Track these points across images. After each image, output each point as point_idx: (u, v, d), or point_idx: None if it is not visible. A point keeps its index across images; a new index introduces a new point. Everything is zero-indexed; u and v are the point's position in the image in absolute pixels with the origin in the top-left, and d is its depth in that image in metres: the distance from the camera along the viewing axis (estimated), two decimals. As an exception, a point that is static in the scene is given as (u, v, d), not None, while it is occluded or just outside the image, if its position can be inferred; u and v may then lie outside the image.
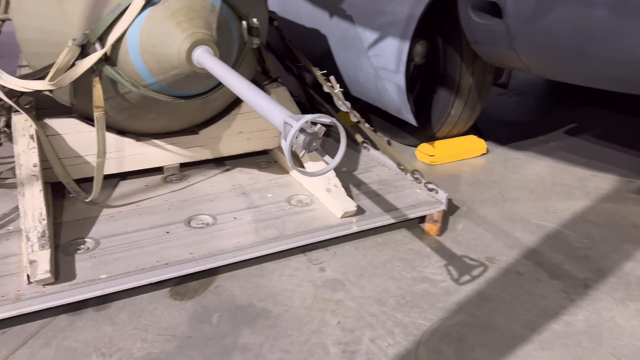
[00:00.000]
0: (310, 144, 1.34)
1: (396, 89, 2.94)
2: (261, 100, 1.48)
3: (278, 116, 1.38)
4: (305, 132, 1.34)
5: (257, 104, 1.50)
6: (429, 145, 3.36)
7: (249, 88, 1.54)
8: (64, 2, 2.06)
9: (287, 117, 1.35)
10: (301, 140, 1.34)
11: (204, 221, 2.36)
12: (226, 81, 1.66)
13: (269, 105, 1.44)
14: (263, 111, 1.47)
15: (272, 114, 1.42)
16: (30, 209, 2.09)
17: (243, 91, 1.56)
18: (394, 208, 2.51)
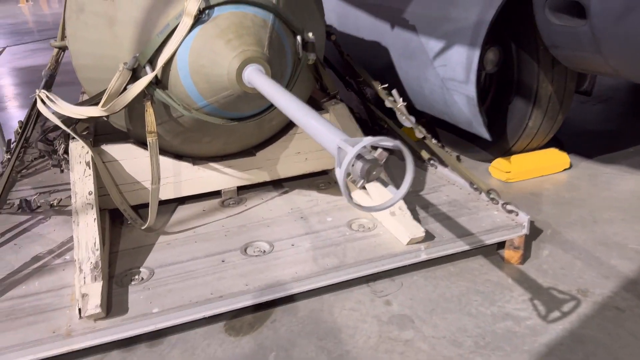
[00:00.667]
0: (370, 173, 1.16)
1: (466, 101, 2.70)
2: (313, 121, 1.32)
3: (331, 140, 1.21)
4: (363, 158, 1.16)
5: (308, 126, 1.34)
6: (505, 160, 3.08)
7: (300, 108, 1.38)
8: (115, 26, 2.01)
9: (342, 142, 1.18)
10: (358, 168, 1.16)
11: (260, 248, 2.22)
12: (275, 101, 1.51)
13: (322, 127, 1.28)
14: (315, 134, 1.31)
15: (325, 137, 1.25)
16: (84, 238, 2.04)
17: (293, 111, 1.40)
18: (467, 233, 2.26)
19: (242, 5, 1.90)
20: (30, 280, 2.08)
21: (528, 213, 2.31)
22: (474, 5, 2.62)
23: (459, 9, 2.71)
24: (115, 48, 2.04)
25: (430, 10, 2.93)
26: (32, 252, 2.28)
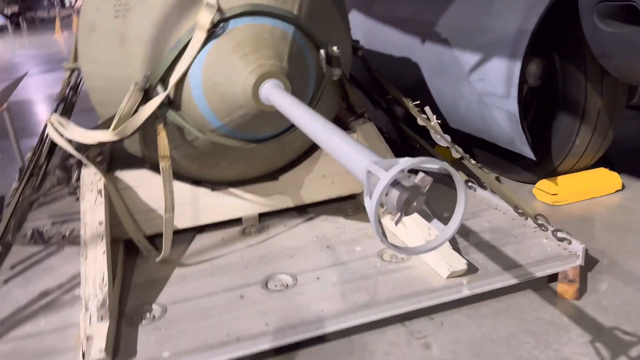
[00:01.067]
0: (409, 204, 0.96)
1: (507, 117, 2.48)
2: (337, 140, 1.13)
3: (359, 163, 1.01)
4: (400, 185, 0.95)
5: (332, 147, 1.14)
6: (550, 181, 2.82)
7: (323, 126, 1.20)
8: (126, 44, 1.88)
9: (372, 164, 0.98)
10: (395, 198, 0.95)
11: (282, 282, 2.02)
12: (295, 119, 1.33)
13: (348, 148, 1.08)
14: (340, 156, 1.11)
15: (352, 160, 1.05)
16: (92, 273, 1.88)
17: (314, 131, 1.22)
18: (514, 264, 2.02)
19: (260, 17, 1.74)
20: (36, 318, 1.92)
21: (580, 240, 2.05)
22: (514, 14, 2.41)
23: (497, 18, 2.51)
24: (126, 68, 1.91)
25: (465, 22, 2.73)
26: (41, 287, 2.13)
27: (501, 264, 2.03)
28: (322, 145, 1.21)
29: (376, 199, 0.92)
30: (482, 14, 2.60)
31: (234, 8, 1.73)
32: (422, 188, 0.96)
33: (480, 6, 2.67)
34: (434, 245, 1.04)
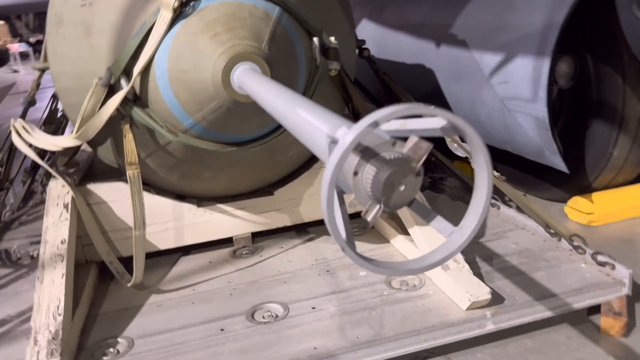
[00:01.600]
0: (393, 188, 0.66)
1: (534, 123, 2.18)
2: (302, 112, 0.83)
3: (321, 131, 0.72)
4: (378, 158, 0.66)
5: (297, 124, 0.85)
6: (585, 199, 2.50)
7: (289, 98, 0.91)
8: (92, 35, 1.65)
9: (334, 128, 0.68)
10: (368, 177, 0.66)
11: (272, 312, 1.73)
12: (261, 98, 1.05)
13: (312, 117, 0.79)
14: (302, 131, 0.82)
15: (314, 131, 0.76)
16: (46, 300, 1.62)
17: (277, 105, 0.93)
18: (547, 294, 1.71)
19: (239, -7, 1.49)
20: (-14, 350, 1.65)
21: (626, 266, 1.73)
22: (540, 6, 2.13)
23: (520, 13, 2.23)
24: (93, 63, 1.67)
25: (484, 21, 2.46)
26: (1, 314, 1.87)
27: (532, 293, 1.73)
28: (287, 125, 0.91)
29: (329, 173, 0.63)
30: (503, 10, 2.33)
31: None
32: (414, 161, 0.66)
33: (500, 2, 2.40)
34: (438, 258, 0.73)
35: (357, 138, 0.61)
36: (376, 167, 0.66)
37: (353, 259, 0.69)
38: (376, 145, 0.67)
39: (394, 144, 0.67)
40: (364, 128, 0.60)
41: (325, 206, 0.66)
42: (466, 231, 0.73)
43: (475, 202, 0.72)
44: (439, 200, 2.59)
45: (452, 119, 0.65)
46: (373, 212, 0.69)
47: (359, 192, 0.69)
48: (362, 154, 0.68)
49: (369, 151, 0.67)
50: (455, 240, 0.74)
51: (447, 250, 0.74)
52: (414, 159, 0.66)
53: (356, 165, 0.68)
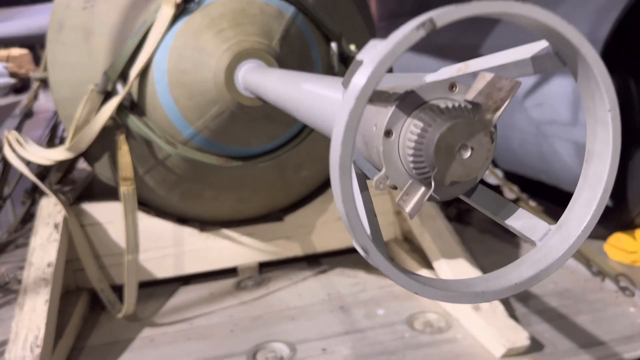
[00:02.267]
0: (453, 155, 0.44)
1: (574, 150, 1.97)
2: (306, 85, 0.63)
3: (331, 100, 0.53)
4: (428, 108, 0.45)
5: (301, 101, 0.65)
6: (627, 236, 2.26)
7: (291, 78, 0.73)
8: (91, 39, 1.51)
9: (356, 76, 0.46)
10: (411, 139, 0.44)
11: (276, 353, 1.53)
12: (263, 86, 0.88)
13: (319, 87, 0.60)
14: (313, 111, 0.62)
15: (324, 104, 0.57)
16: (25, 329, 1.45)
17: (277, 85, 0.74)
18: (593, 341, 1.51)
19: (249, -10, 1.34)
20: (-43, 384, 1.48)
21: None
22: (580, 22, 1.95)
23: (556, 30, 2.05)
24: (91, 69, 1.54)
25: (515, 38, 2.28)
26: (-20, 343, 1.69)
27: (575, 340, 1.52)
28: (291, 108, 0.71)
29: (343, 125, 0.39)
30: (538, 28, 2.16)
31: None
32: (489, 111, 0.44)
33: (534, 20, 2.24)
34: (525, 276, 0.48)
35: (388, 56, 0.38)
36: (424, 121, 0.43)
37: (382, 268, 0.44)
38: (423, 89, 0.45)
39: (452, 86, 0.47)
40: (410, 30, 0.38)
41: (338, 183, 0.41)
42: (573, 230, 0.49)
43: (588, 182, 0.49)
44: (466, 233, 2.37)
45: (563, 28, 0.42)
46: (415, 197, 0.44)
47: (393, 165, 0.45)
48: (400, 101, 0.45)
49: (412, 97, 0.44)
50: (554, 246, 0.49)
51: (540, 262, 0.50)
52: (488, 106, 0.43)
53: (389, 119, 0.45)
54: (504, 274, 0.49)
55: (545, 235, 0.50)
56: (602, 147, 0.47)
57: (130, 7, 1.41)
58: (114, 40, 1.44)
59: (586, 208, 0.50)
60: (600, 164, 0.49)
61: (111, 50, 1.45)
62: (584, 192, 0.49)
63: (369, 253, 0.44)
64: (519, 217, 0.52)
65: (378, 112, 0.45)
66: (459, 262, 1.68)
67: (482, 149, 0.44)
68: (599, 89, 0.45)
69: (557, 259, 0.49)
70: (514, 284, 0.49)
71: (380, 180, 0.45)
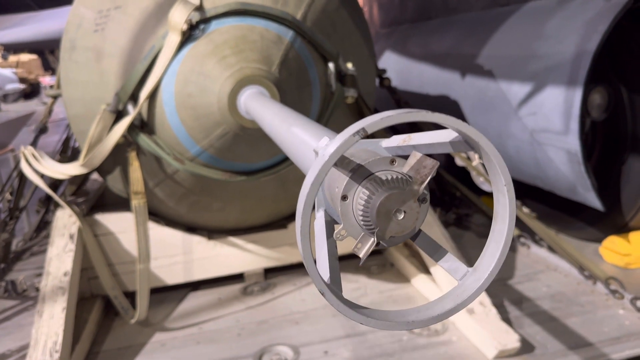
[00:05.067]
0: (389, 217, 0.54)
1: (566, 157, 2.04)
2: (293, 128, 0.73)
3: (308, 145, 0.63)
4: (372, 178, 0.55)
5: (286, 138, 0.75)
6: (621, 239, 2.33)
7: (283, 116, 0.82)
8: (103, 61, 1.61)
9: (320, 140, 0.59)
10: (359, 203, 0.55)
11: (281, 355, 1.62)
12: (262, 119, 0.96)
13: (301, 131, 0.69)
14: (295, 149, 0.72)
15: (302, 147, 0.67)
16: (44, 335, 1.54)
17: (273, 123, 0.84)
18: (582, 342, 1.59)
19: (250, 17, 1.43)
20: (-18, 388, 1.58)
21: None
22: (571, 35, 2.03)
23: (549, 42, 2.13)
24: (102, 88, 1.63)
25: (511, 50, 2.36)
26: (1, 349, 1.79)
27: (565, 342, 1.60)
28: (279, 142, 0.81)
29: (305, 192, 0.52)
30: (532, 38, 2.23)
31: (217, 7, 1.42)
32: (416, 183, 0.55)
33: (529, 30, 2.31)
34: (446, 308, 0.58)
35: (340, 148, 0.50)
36: (369, 190, 0.55)
37: (336, 307, 0.55)
38: (370, 163, 0.56)
39: (392, 161, 0.56)
40: (348, 137, 0.50)
41: (299, 234, 0.54)
42: (482, 274, 0.59)
43: (494, 237, 0.59)
44: (465, 238, 2.45)
45: (464, 128, 0.54)
46: (365, 246, 0.56)
47: (349, 221, 0.57)
48: (353, 173, 0.56)
49: (362, 170, 0.56)
50: (469, 285, 0.60)
51: (459, 297, 0.59)
52: (416, 179, 0.54)
53: (345, 186, 0.56)
54: (431, 306, 0.59)
55: (464, 276, 0.60)
56: (503, 211, 0.57)
57: (138, 31, 1.50)
58: (124, 62, 1.53)
59: (492, 257, 0.60)
60: (502, 224, 0.59)
61: (121, 71, 1.54)
62: (491, 244, 0.60)
63: (324, 294, 0.55)
64: (447, 260, 0.62)
65: (339, 176, 0.55)
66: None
67: (412, 212, 0.55)
68: (496, 169, 0.56)
69: (470, 295, 0.60)
70: (437, 315, 0.59)
71: (339, 232, 0.56)
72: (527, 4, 2.49)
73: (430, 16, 3.45)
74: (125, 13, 1.58)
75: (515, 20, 2.47)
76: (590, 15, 2.02)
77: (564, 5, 2.22)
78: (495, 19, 2.62)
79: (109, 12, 1.63)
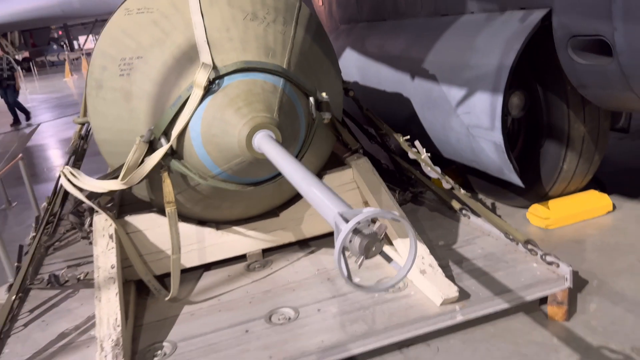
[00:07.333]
0: (369, 249, 1.09)
1: (494, 147, 2.60)
2: (314, 191, 1.27)
3: (330, 211, 1.15)
4: (361, 233, 1.09)
5: (310, 196, 1.28)
6: (542, 206, 2.92)
7: (303, 176, 1.33)
8: (131, 101, 2.05)
9: (338, 215, 1.11)
10: (357, 244, 1.09)
11: (285, 315, 2.13)
12: (280, 168, 1.47)
13: (321, 198, 1.22)
14: (316, 204, 1.25)
15: (324, 208, 1.19)
16: (106, 315, 2.01)
17: (296, 180, 1.36)
18: (506, 289, 2.12)
19: (252, 72, 1.91)
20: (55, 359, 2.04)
21: (571, 263, 2.16)
22: (494, 51, 2.56)
23: (478, 55, 2.66)
24: (132, 122, 2.07)
25: (451, 58, 2.89)
26: (59, 329, 2.24)
27: (493, 290, 2.12)
28: (302, 193, 1.35)
29: (338, 246, 1.07)
30: (466, 51, 2.76)
31: (227, 66, 1.90)
32: (379, 235, 1.09)
33: (463, 43, 2.83)
34: (386, 286, 1.23)
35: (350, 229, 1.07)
36: (360, 239, 1.10)
37: (352, 287, 1.16)
38: (361, 225, 1.10)
39: (374, 220, 1.11)
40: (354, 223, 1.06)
41: (337, 262, 1.10)
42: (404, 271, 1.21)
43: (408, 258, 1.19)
44: (420, 211, 3.00)
45: (398, 217, 1.13)
46: (360, 260, 1.12)
47: (353, 250, 1.12)
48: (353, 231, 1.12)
49: (357, 229, 1.11)
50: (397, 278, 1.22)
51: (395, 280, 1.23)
52: (379, 233, 1.11)
53: (350, 237, 1.11)
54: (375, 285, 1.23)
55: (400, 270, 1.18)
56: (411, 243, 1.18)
57: (162, 81, 1.95)
58: (152, 105, 1.98)
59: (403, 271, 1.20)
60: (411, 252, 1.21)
61: (150, 111, 1.99)
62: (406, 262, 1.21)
63: (347, 283, 1.13)
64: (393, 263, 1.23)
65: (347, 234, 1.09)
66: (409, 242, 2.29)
67: (379, 245, 1.10)
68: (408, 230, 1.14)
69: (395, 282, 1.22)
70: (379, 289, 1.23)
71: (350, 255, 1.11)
72: (463, 16, 3.00)
73: (384, 18, 3.93)
74: (147, 63, 2.02)
75: (454, 30, 2.98)
76: (508, 35, 2.55)
77: (490, 22, 2.74)
78: (438, 27, 3.12)
79: (131, 61, 2.07)
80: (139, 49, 2.05)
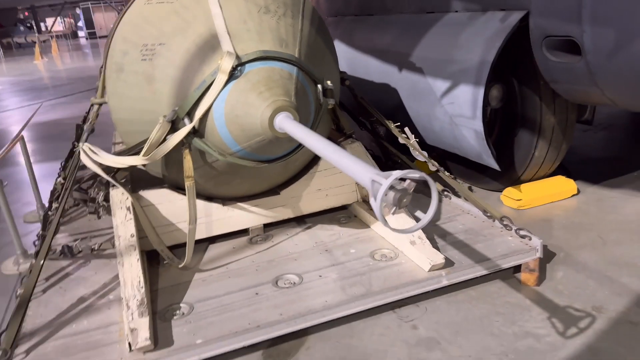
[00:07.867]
0: (401, 201, 1.33)
1: (474, 135, 2.89)
2: (346, 159, 1.50)
3: (365, 174, 1.38)
4: (394, 189, 1.32)
5: (342, 164, 1.52)
6: (515, 189, 3.23)
7: (334, 150, 1.57)
8: (154, 83, 2.24)
9: (375, 175, 1.35)
10: (391, 197, 1.32)
11: (290, 280, 2.37)
12: (308, 143, 1.70)
13: (354, 164, 1.45)
14: (348, 170, 1.48)
15: (359, 173, 1.42)
16: (129, 277, 2.20)
17: (327, 152, 1.59)
18: (485, 258, 2.40)
19: (270, 61, 2.12)
20: (78, 319, 2.22)
21: (541, 238, 2.45)
22: (476, 47, 2.83)
23: (462, 51, 2.93)
24: (154, 103, 2.26)
25: (436, 54, 3.15)
26: (78, 294, 2.40)
27: (474, 259, 2.41)
28: (332, 162, 1.57)
29: (379, 199, 1.30)
30: (451, 47, 3.03)
31: (248, 54, 2.11)
32: (409, 189, 1.34)
33: (447, 39, 3.10)
34: (418, 226, 1.44)
35: (390, 183, 1.29)
36: (394, 192, 1.32)
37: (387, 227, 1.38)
38: (394, 182, 1.34)
39: (399, 182, 1.35)
40: (392, 179, 1.29)
41: (377, 210, 1.31)
42: (428, 217, 1.44)
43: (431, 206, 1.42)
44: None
45: (425, 176, 1.34)
46: (393, 209, 1.34)
47: (388, 202, 1.34)
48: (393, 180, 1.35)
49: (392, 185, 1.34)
50: (425, 219, 1.45)
51: (421, 224, 1.45)
52: (409, 188, 1.34)
53: (386, 190, 1.33)
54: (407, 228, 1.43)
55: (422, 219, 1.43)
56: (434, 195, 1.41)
57: (186, 67, 2.14)
58: (176, 88, 2.17)
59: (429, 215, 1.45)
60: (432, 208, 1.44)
61: (173, 94, 2.18)
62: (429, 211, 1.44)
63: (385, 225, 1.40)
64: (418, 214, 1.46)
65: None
66: (398, 216, 2.54)
67: (408, 199, 1.33)
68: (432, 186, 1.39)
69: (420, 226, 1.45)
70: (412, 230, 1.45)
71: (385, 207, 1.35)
72: (447, 14, 3.27)
73: (371, 13, 4.18)
74: (170, 50, 2.21)
75: (439, 28, 3.25)
76: (489, 33, 2.83)
77: (473, 20, 3.01)
78: (424, 24, 3.38)
79: (154, 47, 2.25)
80: (161, 36, 2.24)
